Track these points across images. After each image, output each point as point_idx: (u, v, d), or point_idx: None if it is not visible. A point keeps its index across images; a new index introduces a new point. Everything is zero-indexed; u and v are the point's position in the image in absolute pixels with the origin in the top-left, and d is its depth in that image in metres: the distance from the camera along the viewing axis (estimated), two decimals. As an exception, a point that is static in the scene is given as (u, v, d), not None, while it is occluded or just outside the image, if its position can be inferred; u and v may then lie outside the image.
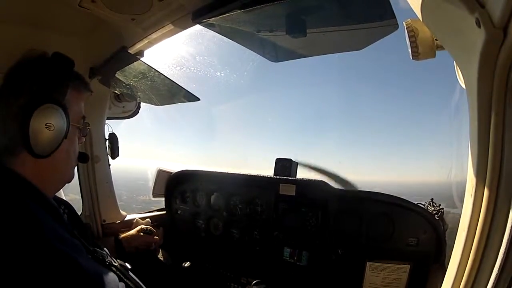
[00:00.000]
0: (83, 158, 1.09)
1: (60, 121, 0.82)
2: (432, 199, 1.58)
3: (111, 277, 0.85)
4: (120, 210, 1.94)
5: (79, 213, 1.28)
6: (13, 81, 0.83)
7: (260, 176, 1.86)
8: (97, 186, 1.80)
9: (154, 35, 1.18)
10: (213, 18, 0.98)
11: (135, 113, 2.10)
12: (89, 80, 1.58)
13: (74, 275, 0.70)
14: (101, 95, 1.76)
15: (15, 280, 0.64)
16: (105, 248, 1.03)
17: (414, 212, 1.44)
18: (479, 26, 0.48)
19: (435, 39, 0.75)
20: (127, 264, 1.05)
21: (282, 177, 1.75)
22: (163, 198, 2.25)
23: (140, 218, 1.92)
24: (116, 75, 1.57)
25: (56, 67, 0.87)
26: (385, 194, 1.52)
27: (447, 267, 0.68)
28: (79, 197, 1.84)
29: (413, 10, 0.65)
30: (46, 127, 0.79)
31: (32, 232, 0.69)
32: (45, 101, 0.80)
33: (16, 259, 0.65)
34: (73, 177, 1.02)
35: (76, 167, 1.72)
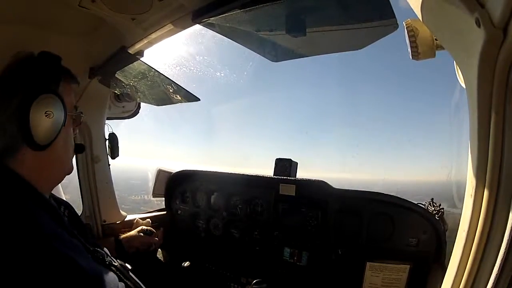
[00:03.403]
0: (79, 148, 1.13)
1: (58, 108, 0.85)
2: (432, 199, 1.58)
3: (111, 277, 0.85)
4: (121, 211, 1.94)
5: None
6: (6, 84, 0.84)
7: (260, 176, 1.86)
8: (97, 186, 1.80)
9: (154, 35, 1.18)
10: (213, 18, 0.98)
11: (135, 113, 2.10)
12: (89, 80, 1.58)
13: (73, 275, 0.70)
14: (101, 95, 1.75)
15: (14, 281, 0.64)
16: (105, 248, 1.03)
17: (414, 212, 1.44)
18: (479, 26, 0.48)
19: (435, 39, 0.75)
20: (127, 265, 1.05)
21: (282, 177, 1.75)
22: (154, 199, 2.25)
23: (140, 218, 1.92)
24: (116, 75, 1.57)
25: (46, 63, 0.90)
26: (385, 194, 1.52)
27: (447, 267, 0.68)
28: (69, 196, 1.83)
29: (413, 10, 0.65)
30: (46, 115, 0.82)
31: (31, 233, 0.69)
32: (41, 92, 0.82)
33: (15, 259, 0.65)
34: (73, 168, 1.04)
35: (76, 168, 1.72)
